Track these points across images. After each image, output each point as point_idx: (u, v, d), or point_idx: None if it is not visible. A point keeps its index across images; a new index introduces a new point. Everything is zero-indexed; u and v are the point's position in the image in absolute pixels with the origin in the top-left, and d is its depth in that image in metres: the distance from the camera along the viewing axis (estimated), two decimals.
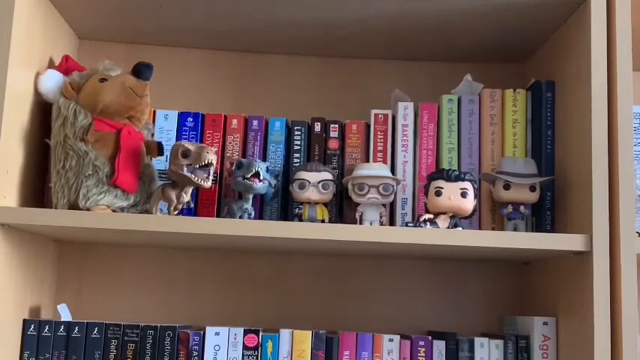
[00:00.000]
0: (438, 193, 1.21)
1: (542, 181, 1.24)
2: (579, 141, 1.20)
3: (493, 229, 1.29)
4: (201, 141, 1.32)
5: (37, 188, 1.26)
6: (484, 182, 1.29)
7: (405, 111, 1.32)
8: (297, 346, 1.22)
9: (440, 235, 1.16)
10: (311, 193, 1.25)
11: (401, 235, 1.16)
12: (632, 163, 1.15)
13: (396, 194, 1.27)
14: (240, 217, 1.23)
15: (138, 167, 1.23)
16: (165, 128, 1.33)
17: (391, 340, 1.23)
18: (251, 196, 1.24)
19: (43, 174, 1.27)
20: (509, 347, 1.24)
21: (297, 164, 1.32)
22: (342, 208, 1.32)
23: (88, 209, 1.17)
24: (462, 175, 1.22)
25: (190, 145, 1.18)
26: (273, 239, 1.17)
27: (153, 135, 1.31)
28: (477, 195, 1.25)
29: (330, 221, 1.28)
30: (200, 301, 1.42)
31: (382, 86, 1.46)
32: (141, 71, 1.21)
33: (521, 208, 1.24)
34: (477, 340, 1.24)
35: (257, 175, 1.22)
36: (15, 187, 1.18)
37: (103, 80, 1.22)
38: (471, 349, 1.24)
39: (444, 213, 1.21)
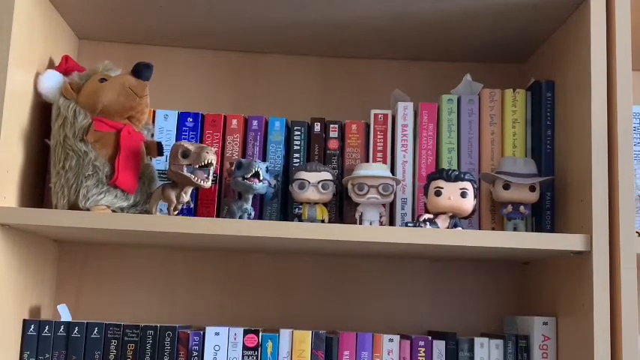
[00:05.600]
0: (438, 193, 1.21)
1: (542, 181, 1.24)
2: (579, 141, 1.20)
3: (493, 229, 1.29)
4: (201, 141, 1.32)
5: (37, 188, 1.26)
6: (484, 182, 1.29)
7: (405, 111, 1.32)
8: (297, 346, 1.22)
9: (440, 235, 1.16)
10: (311, 193, 1.25)
11: (401, 235, 1.16)
12: (632, 163, 1.15)
13: (395, 194, 1.27)
14: (240, 217, 1.23)
15: (138, 167, 1.23)
16: (165, 128, 1.33)
17: (391, 340, 1.23)
18: (251, 196, 1.24)
19: (43, 174, 1.27)
20: (509, 347, 1.24)
21: (296, 164, 1.32)
22: (342, 208, 1.32)
23: (87, 209, 1.17)
24: (462, 175, 1.22)
25: (190, 146, 1.18)
26: (273, 239, 1.17)
27: (153, 135, 1.31)
28: (477, 195, 1.25)
29: (330, 221, 1.28)
30: (200, 301, 1.42)
31: (382, 86, 1.46)
32: (141, 71, 1.21)
33: (521, 208, 1.24)
34: (477, 340, 1.24)
35: (257, 175, 1.22)
36: (15, 187, 1.18)
37: (102, 80, 1.22)
38: (471, 349, 1.24)
39: (444, 213, 1.21)
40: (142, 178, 1.24)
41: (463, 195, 1.21)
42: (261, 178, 1.22)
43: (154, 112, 1.32)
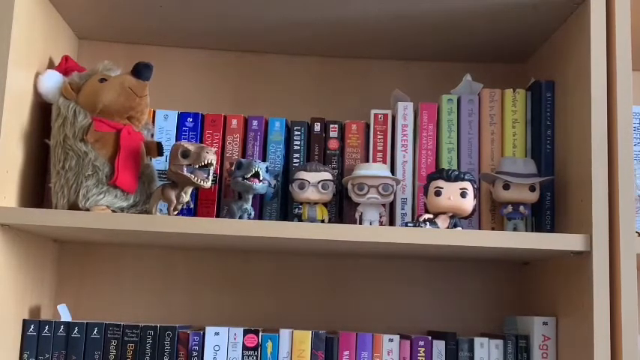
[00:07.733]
0: (438, 193, 1.21)
1: (541, 181, 1.24)
2: (579, 141, 1.20)
3: (493, 229, 1.29)
4: (201, 141, 1.32)
5: (37, 188, 1.26)
6: (484, 182, 1.29)
7: (405, 111, 1.32)
8: (297, 346, 1.22)
9: (440, 235, 1.16)
10: (311, 193, 1.25)
11: (401, 235, 1.16)
12: (632, 163, 1.15)
13: (395, 194, 1.27)
14: (240, 217, 1.23)
15: (138, 167, 1.23)
16: (164, 128, 1.33)
17: (391, 340, 1.23)
18: (251, 196, 1.24)
19: (43, 174, 1.27)
20: (509, 347, 1.24)
21: (296, 164, 1.32)
22: (342, 208, 1.32)
23: (87, 209, 1.17)
24: (462, 175, 1.22)
25: (190, 146, 1.18)
26: (273, 239, 1.17)
27: (152, 135, 1.31)
28: (477, 195, 1.25)
29: (330, 221, 1.28)
30: (200, 301, 1.42)
31: (382, 86, 1.46)
32: (140, 71, 1.21)
33: (521, 208, 1.24)
34: (477, 340, 1.24)
35: (257, 175, 1.22)
36: (15, 187, 1.18)
37: (102, 80, 1.22)
38: (471, 349, 1.24)
39: (444, 213, 1.21)
40: (141, 178, 1.24)
41: (463, 195, 1.21)
42: (261, 178, 1.22)
43: (154, 112, 1.32)
